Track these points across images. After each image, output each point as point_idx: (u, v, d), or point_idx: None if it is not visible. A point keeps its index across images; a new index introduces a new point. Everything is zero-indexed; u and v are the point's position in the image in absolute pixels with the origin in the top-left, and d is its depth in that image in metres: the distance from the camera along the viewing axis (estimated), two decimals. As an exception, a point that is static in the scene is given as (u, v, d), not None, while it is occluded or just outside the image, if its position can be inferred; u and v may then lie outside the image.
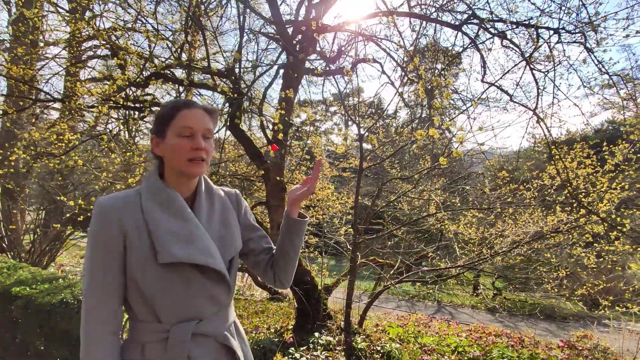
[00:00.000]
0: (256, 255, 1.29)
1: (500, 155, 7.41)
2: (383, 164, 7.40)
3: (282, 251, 1.25)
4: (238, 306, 7.02)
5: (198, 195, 1.15)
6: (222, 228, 1.17)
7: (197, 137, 1.08)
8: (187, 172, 1.08)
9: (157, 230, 1.00)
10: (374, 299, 4.91)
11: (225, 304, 1.13)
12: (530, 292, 6.81)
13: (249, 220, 1.30)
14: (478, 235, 5.63)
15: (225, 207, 1.23)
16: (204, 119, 1.11)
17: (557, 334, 8.81)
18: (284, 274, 1.27)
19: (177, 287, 1.01)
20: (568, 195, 4.32)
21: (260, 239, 1.30)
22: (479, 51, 4.65)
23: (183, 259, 0.99)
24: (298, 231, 1.25)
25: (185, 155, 1.06)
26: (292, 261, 1.26)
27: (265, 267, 1.28)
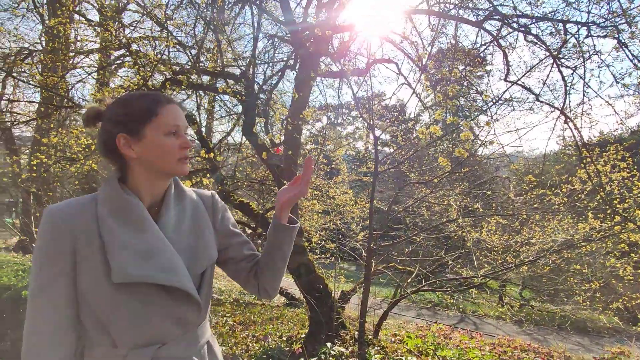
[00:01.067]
0: (236, 264, 1.16)
1: (526, 159, 7.05)
2: (402, 168, 7.18)
3: (269, 260, 1.13)
4: (253, 311, 6.95)
5: (165, 201, 1.03)
6: (193, 237, 1.04)
7: (183, 134, 0.99)
8: (178, 172, 0.99)
9: (110, 243, 0.88)
10: (389, 308, 4.71)
11: (193, 324, 1.00)
12: (560, 304, 6.39)
13: (227, 225, 1.17)
14: (502, 243, 5.32)
15: (198, 212, 1.10)
16: (182, 114, 1.02)
17: (591, 349, 8.25)
18: (270, 283, 1.14)
19: (134, 309, 0.89)
20: (601, 201, 4.00)
21: (241, 245, 1.18)
22: (501, 48, 4.41)
23: (138, 278, 0.87)
24: (287, 238, 1.13)
25: (174, 155, 0.97)
26: (279, 271, 1.14)
27: (247, 276, 1.16)
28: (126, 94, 1.14)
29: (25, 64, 7.23)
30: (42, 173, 5.49)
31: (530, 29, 3.80)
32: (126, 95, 1.03)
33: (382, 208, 6.71)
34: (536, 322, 7.86)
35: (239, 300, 8.45)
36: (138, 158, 0.97)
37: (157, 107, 0.97)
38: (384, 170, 4.62)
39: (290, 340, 4.47)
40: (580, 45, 3.79)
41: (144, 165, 0.98)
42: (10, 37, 8.08)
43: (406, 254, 5.55)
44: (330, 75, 4.51)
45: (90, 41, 7.32)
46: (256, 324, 5.64)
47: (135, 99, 0.99)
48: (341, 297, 6.25)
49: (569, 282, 5.34)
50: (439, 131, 1.58)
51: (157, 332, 0.93)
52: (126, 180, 1.00)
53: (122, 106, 0.98)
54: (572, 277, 5.39)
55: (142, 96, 1.00)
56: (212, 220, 1.13)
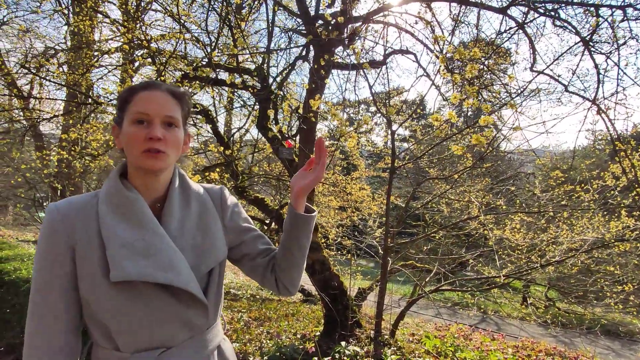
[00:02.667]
0: (252, 260, 1.09)
1: (553, 153, 6.71)
2: (420, 163, 6.99)
3: (286, 252, 1.05)
4: (269, 307, 6.94)
5: (169, 197, 0.97)
6: (199, 235, 0.98)
7: (154, 124, 0.89)
8: (142, 166, 0.90)
9: (109, 241, 0.84)
10: (407, 308, 4.57)
11: (201, 327, 0.94)
12: (589, 306, 6.08)
13: (238, 221, 1.10)
14: (527, 242, 5.07)
15: (205, 208, 1.03)
16: (166, 103, 0.92)
17: (622, 354, 7.84)
18: (289, 278, 1.06)
19: (135, 310, 0.84)
20: (637, 198, 3.73)
21: (255, 240, 1.11)
22: (527, 35, 4.16)
23: (135, 276, 0.81)
24: (305, 229, 1.04)
25: (138, 147, 0.88)
26: (298, 264, 1.06)
27: (264, 271, 1.08)
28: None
29: (50, 63, 7.43)
30: (64, 169, 5.63)
31: (559, 13, 3.55)
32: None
33: (400, 205, 6.54)
34: (563, 324, 7.53)
35: (255, 296, 8.48)
36: (123, 150, 0.93)
37: (131, 94, 0.91)
38: (401, 166, 4.46)
39: (305, 338, 4.40)
40: (614, 30, 3.52)
41: (127, 157, 0.93)
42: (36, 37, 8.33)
43: (424, 252, 5.38)
44: (345, 67, 4.38)
45: (112, 39, 7.46)
46: (271, 320, 5.61)
47: (127, 88, 0.94)
48: (358, 294, 6.15)
49: (599, 283, 5.04)
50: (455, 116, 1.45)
51: (161, 335, 0.87)
52: (127, 175, 0.96)
53: (118, 97, 0.94)
54: (603, 279, 5.09)
55: (131, 85, 0.95)
56: (221, 217, 1.07)
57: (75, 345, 0.88)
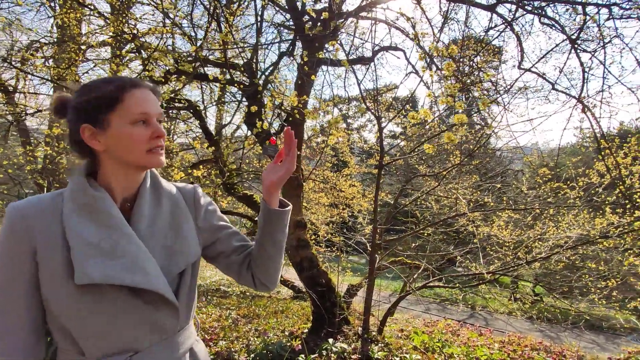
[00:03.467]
0: (227, 257, 1.08)
1: (540, 151, 6.78)
2: (410, 160, 7.00)
3: (261, 248, 1.04)
4: (259, 304, 6.92)
5: (140, 196, 0.94)
6: (171, 235, 0.95)
7: (154, 122, 0.90)
8: (149, 164, 0.90)
9: (74, 243, 0.81)
10: (394, 305, 4.59)
11: (172, 330, 0.92)
12: (574, 302, 6.18)
13: (212, 219, 1.08)
14: (513, 238, 5.12)
15: (177, 208, 1.01)
16: (156, 101, 0.93)
17: (606, 348, 8.00)
18: (265, 274, 1.05)
19: (101, 314, 0.81)
20: (620, 195, 3.78)
21: (229, 237, 1.09)
22: (515, 33, 4.18)
23: (101, 279, 0.78)
24: (279, 223, 1.03)
25: (143, 146, 0.88)
26: (273, 259, 1.05)
27: (239, 268, 1.07)
28: (92, 79, 1.04)
29: (35, 57, 7.25)
30: (48, 165, 5.52)
31: (546, 11, 3.56)
32: (91, 81, 0.94)
33: (389, 201, 6.55)
34: (548, 319, 7.65)
35: (245, 293, 8.45)
36: (106, 151, 0.89)
37: (121, 93, 0.88)
38: (389, 162, 4.46)
39: (292, 336, 4.40)
40: (600, 28, 3.55)
41: (113, 158, 0.90)
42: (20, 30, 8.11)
43: (413, 249, 5.41)
44: (333, 63, 4.34)
45: (98, 33, 7.30)
46: (260, 317, 5.59)
47: (99, 84, 0.89)
48: (348, 291, 6.15)
49: (584, 279, 5.12)
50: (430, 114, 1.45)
51: (129, 339, 0.84)
52: (96, 175, 0.93)
53: (85, 93, 0.88)
54: (588, 275, 5.17)
55: (106, 81, 0.90)
56: (194, 216, 1.05)
57: (36, 347, 0.85)
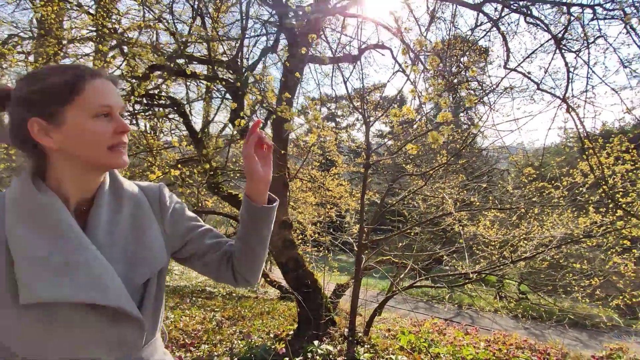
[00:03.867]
0: (201, 258, 1.00)
1: (525, 151, 6.84)
2: (398, 160, 6.98)
3: (247, 246, 0.97)
4: (245, 305, 6.83)
5: (97, 199, 0.85)
6: (133, 241, 0.87)
7: (117, 116, 0.81)
8: (112, 164, 0.81)
9: (18, 256, 0.71)
10: (381, 305, 4.56)
11: (136, 346, 0.84)
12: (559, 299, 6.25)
13: (180, 220, 1.00)
14: (499, 237, 5.14)
15: (140, 210, 0.92)
16: (116, 92, 0.84)
17: (589, 345, 8.14)
18: (250, 271, 1.00)
19: (53, 336, 0.72)
20: (604, 195, 3.80)
21: (202, 237, 1.01)
22: (501, 33, 4.17)
23: (50, 297, 0.69)
24: (267, 220, 0.98)
25: (104, 143, 0.79)
26: (259, 255, 1.00)
27: (218, 267, 1.00)
28: (42, 67, 0.93)
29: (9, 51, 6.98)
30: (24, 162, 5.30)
31: (532, 10, 3.56)
32: (40, 69, 0.83)
33: (376, 201, 6.52)
34: (533, 317, 7.74)
35: (231, 294, 8.33)
36: (59, 149, 0.78)
37: (79, 83, 0.77)
38: (376, 162, 4.42)
39: (277, 338, 4.32)
40: (584, 28, 3.56)
41: (67, 157, 0.79)
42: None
43: (399, 249, 5.38)
44: (319, 60, 4.28)
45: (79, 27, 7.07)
46: (245, 319, 5.50)
47: (51, 73, 0.79)
48: (334, 292, 6.11)
49: (568, 277, 5.17)
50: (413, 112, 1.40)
51: (87, 358, 0.76)
52: (45, 176, 0.81)
53: (34, 82, 0.77)
54: (571, 274, 5.23)
55: (60, 70, 0.80)
56: (160, 218, 0.96)
57: None
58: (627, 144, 4.50)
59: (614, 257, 4.34)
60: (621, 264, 4.33)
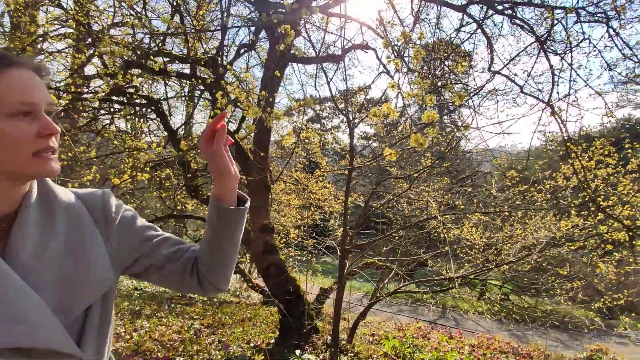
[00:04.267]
0: (159, 270, 0.87)
1: (509, 154, 6.89)
2: (382, 162, 6.91)
3: (217, 251, 0.87)
4: (226, 311, 6.62)
5: (21, 213, 0.69)
6: (69, 262, 0.71)
7: (43, 116, 0.67)
8: (36, 173, 0.68)
9: None
10: (364, 312, 4.45)
11: None
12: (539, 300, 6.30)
13: (131, 232, 0.86)
14: (483, 240, 5.11)
15: (79, 224, 0.77)
16: (42, 85, 0.69)
17: (569, 345, 8.24)
18: (221, 277, 0.90)
19: None
20: (587, 199, 3.80)
21: (158, 247, 0.88)
22: (485, 35, 4.14)
23: None
24: (240, 222, 0.89)
25: (26, 148, 0.65)
26: (231, 259, 0.91)
27: (180, 276, 0.88)
28: None
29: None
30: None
31: (516, 11, 3.53)
32: None
33: (360, 204, 6.43)
34: (516, 320, 7.79)
35: (212, 299, 8.09)
36: None
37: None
38: (361, 165, 4.32)
39: (258, 348, 4.16)
40: (567, 32, 3.54)
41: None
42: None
43: (383, 254, 5.29)
44: (302, 60, 4.16)
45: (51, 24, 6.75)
46: (225, 326, 5.30)
47: None
48: (317, 297, 5.97)
49: (550, 281, 5.19)
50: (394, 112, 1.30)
51: None
52: None
53: None
54: (554, 276, 5.25)
55: None
56: (104, 231, 0.81)
57: None
58: (609, 148, 4.53)
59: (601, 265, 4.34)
60: (602, 267, 4.35)
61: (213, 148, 0.83)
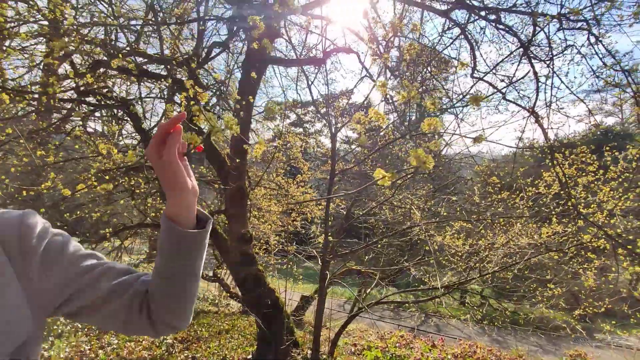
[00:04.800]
0: (99, 309, 0.69)
1: (491, 160, 6.90)
2: (365, 169, 6.82)
3: (174, 282, 0.71)
4: (203, 323, 6.33)
5: None
6: None
7: None
8: None
9: None
10: (346, 323, 4.29)
11: None
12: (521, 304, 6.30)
13: (60, 263, 0.67)
14: (466, 248, 5.05)
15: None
16: None
17: (548, 350, 8.30)
18: (177, 314, 0.73)
19: None
20: (569, 206, 3.77)
21: (97, 280, 0.69)
22: (468, 41, 4.08)
23: None
24: (202, 246, 0.72)
25: None
26: (190, 293, 0.74)
27: (127, 315, 0.71)
28: None
29: None
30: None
31: (500, 16, 3.48)
32: None
33: (342, 211, 6.29)
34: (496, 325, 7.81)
35: (189, 309, 7.73)
36: None
37: None
38: (342, 171, 4.18)
39: (234, 364, 3.94)
40: (549, 40, 3.52)
41: None
42: None
43: (366, 263, 5.17)
44: (282, 62, 4.00)
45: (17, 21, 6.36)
46: (201, 340, 5.04)
47: None
48: (298, 308, 5.78)
49: (532, 288, 5.18)
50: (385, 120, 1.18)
51: None
52: None
53: None
54: (535, 284, 5.24)
55: None
56: (22, 267, 0.63)
57: None
58: (591, 156, 4.56)
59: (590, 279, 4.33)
60: (590, 281, 4.34)
61: (163, 157, 0.66)
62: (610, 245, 3.51)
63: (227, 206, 4.34)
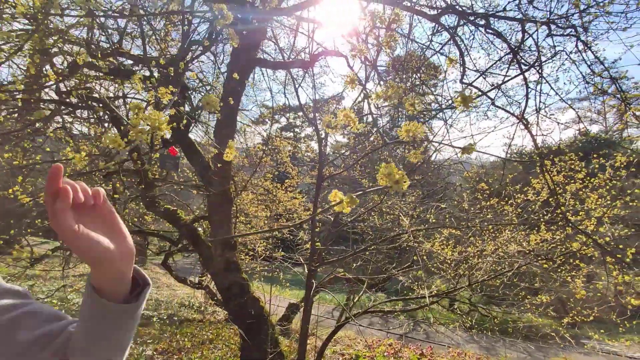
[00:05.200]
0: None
1: (480, 166, 6.91)
2: (354, 174, 6.73)
3: (94, 353, 0.58)
4: (186, 332, 6.12)
5: None
6: None
7: None
8: None
9: None
10: (333, 333, 4.17)
11: None
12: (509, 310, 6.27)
13: None
14: (454, 255, 4.99)
15: None
16: None
17: (537, 357, 8.29)
18: None
19: None
20: (559, 213, 3.73)
21: (14, 325, 0.58)
22: (457, 46, 4.05)
23: None
24: (128, 324, 0.60)
25: None
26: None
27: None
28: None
29: None
30: None
31: (490, 22, 3.45)
32: None
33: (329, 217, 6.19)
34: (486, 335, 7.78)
35: (172, 317, 7.53)
36: None
37: None
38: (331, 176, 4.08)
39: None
40: (538, 46, 3.50)
41: None
42: None
43: (353, 270, 5.06)
44: (268, 64, 3.89)
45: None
46: (182, 351, 4.85)
47: None
48: (284, 317, 5.64)
49: (520, 296, 5.14)
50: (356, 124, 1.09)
51: None
52: None
53: None
54: (524, 291, 5.20)
55: None
56: None
57: None
58: (579, 164, 4.55)
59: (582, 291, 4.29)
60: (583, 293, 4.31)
61: (62, 227, 0.51)
62: (599, 254, 3.48)
63: (211, 212, 4.19)
